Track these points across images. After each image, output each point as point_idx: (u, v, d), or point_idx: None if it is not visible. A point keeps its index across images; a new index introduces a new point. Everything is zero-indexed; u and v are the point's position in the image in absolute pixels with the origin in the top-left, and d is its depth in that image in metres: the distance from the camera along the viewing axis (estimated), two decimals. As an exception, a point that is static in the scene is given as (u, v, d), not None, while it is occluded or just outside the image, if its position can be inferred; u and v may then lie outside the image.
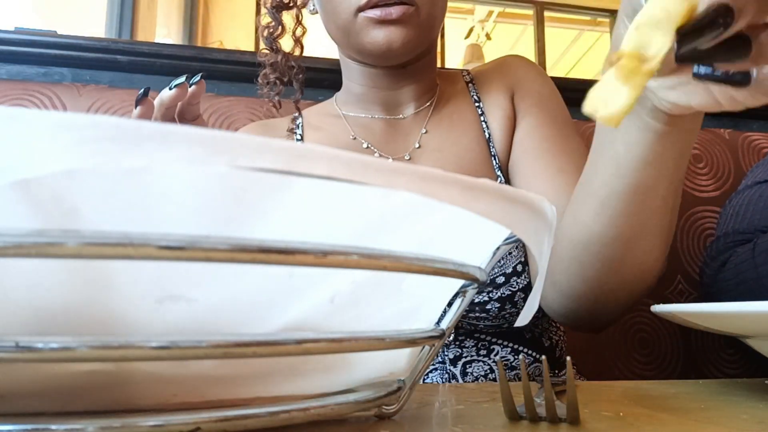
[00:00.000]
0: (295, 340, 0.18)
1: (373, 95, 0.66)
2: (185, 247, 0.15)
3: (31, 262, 0.17)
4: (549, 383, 0.25)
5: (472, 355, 0.59)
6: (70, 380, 0.19)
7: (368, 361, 0.24)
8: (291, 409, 0.20)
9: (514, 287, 0.58)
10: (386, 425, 0.24)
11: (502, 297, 0.57)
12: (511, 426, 0.24)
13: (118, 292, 0.19)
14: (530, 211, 0.21)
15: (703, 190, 0.89)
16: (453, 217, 0.21)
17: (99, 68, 0.93)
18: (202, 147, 0.15)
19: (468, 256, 0.23)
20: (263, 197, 0.19)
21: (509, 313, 0.58)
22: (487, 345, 0.59)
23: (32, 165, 0.14)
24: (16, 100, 0.78)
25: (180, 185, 0.18)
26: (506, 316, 0.58)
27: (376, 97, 0.66)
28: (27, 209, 0.17)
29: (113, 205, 0.18)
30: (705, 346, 0.85)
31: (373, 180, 0.17)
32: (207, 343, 0.17)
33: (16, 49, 0.89)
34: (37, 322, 0.18)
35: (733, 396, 0.33)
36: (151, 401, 0.21)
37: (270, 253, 0.16)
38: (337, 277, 0.22)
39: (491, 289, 0.57)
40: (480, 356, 0.59)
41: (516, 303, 0.58)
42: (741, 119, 1.15)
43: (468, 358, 0.59)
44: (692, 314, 0.35)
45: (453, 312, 0.26)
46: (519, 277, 0.58)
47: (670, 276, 0.85)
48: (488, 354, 0.59)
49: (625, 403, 0.30)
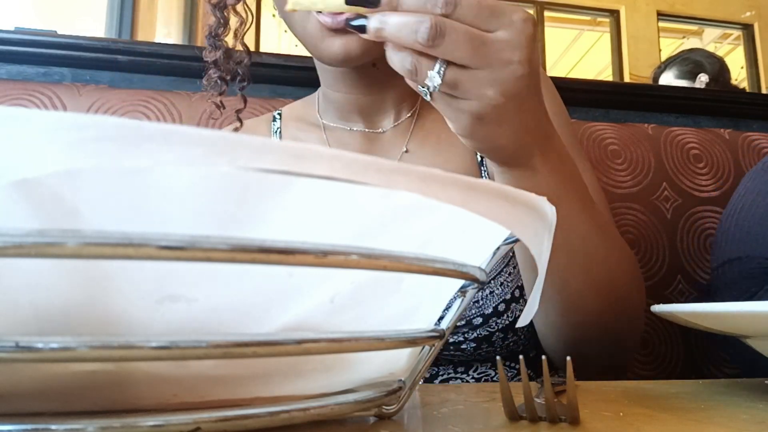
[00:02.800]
0: (295, 340, 0.18)
1: (349, 102, 0.61)
2: (185, 247, 0.15)
3: (31, 262, 0.17)
4: (549, 383, 0.25)
5: (449, 372, 0.57)
6: (70, 380, 0.19)
7: (368, 361, 0.24)
8: (291, 409, 0.20)
9: (492, 328, 0.54)
10: (386, 425, 0.24)
11: (478, 337, 0.54)
12: (511, 426, 0.24)
13: (118, 292, 0.19)
14: (530, 211, 0.21)
15: (703, 190, 0.89)
16: (453, 218, 0.21)
17: (99, 68, 0.93)
18: (202, 147, 0.15)
19: (468, 256, 0.23)
20: (263, 197, 0.19)
21: (485, 351, 0.55)
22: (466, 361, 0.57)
23: (32, 165, 0.14)
24: (16, 100, 0.78)
25: (180, 185, 0.18)
26: (482, 353, 0.55)
27: (353, 104, 0.61)
28: (27, 209, 0.17)
29: (113, 205, 0.18)
30: (705, 346, 0.85)
31: (373, 180, 0.17)
32: (207, 343, 0.17)
33: (16, 49, 0.89)
34: (37, 322, 0.18)
35: (733, 396, 0.33)
36: (151, 401, 0.21)
37: (270, 253, 0.16)
38: (337, 277, 0.22)
39: (467, 330, 0.54)
40: (458, 373, 0.57)
41: (494, 342, 0.54)
42: (741, 119, 1.15)
43: (445, 376, 0.57)
44: (692, 314, 0.35)
45: (453, 312, 0.26)
46: (500, 318, 0.54)
47: (670, 276, 0.85)
48: (467, 371, 0.57)
49: (625, 403, 0.30)
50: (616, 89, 1.15)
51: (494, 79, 0.35)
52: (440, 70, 0.35)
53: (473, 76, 0.35)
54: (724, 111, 1.14)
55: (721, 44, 5.29)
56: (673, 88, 1.56)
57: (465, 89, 0.35)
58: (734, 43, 5.16)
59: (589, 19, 4.94)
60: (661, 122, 1.03)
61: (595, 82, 1.36)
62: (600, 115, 1.09)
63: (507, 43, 0.34)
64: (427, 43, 0.33)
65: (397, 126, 0.62)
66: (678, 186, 0.88)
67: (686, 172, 0.90)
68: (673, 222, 0.86)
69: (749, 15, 5.02)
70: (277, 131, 0.66)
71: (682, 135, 0.93)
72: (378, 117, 0.62)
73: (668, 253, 0.85)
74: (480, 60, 0.34)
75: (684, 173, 0.89)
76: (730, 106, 1.15)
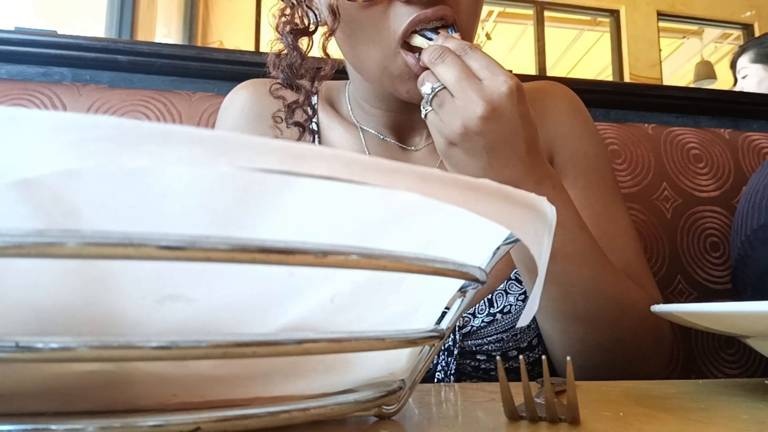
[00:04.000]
0: (295, 340, 0.18)
1: (386, 117, 0.62)
2: (185, 247, 0.15)
3: (31, 262, 0.17)
4: (549, 383, 0.25)
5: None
6: (70, 380, 0.19)
7: (368, 361, 0.24)
8: (291, 409, 0.20)
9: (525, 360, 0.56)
10: (386, 425, 0.24)
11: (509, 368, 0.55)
12: (511, 426, 0.24)
13: (118, 292, 0.19)
14: (530, 211, 0.21)
15: (703, 190, 0.89)
16: (453, 218, 0.21)
17: (99, 68, 0.93)
18: (202, 147, 0.15)
19: (468, 256, 0.23)
20: (263, 197, 0.19)
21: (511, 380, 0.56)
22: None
23: (32, 165, 0.14)
24: (16, 100, 0.78)
25: (180, 185, 0.18)
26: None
27: (390, 120, 0.62)
28: (27, 209, 0.17)
29: (113, 205, 0.18)
30: (705, 346, 0.85)
31: (373, 180, 0.17)
32: (207, 343, 0.17)
33: (16, 49, 0.89)
34: (37, 322, 0.18)
35: (733, 396, 0.33)
36: (151, 401, 0.21)
37: (270, 253, 0.16)
38: (337, 277, 0.22)
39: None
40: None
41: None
42: (741, 119, 1.15)
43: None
44: (692, 314, 0.35)
45: (453, 312, 0.26)
46: (532, 352, 0.57)
47: (670, 276, 0.85)
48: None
49: (625, 403, 0.30)
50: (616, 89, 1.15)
51: (463, 111, 0.43)
52: (434, 86, 0.45)
53: (452, 103, 0.44)
54: (724, 111, 1.14)
55: (721, 44, 5.29)
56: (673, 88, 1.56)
57: (444, 111, 0.44)
58: (734, 43, 5.16)
59: (589, 19, 4.94)
60: (661, 122, 1.03)
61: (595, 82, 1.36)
62: (600, 115, 1.09)
63: (483, 90, 0.43)
64: (430, 61, 0.45)
65: (428, 146, 0.63)
66: (678, 186, 0.88)
67: (686, 172, 0.90)
68: (673, 222, 0.86)
69: (749, 15, 5.02)
70: (314, 106, 0.65)
71: (682, 135, 0.93)
72: (410, 134, 0.63)
73: (668, 253, 0.85)
74: (458, 90, 0.43)
75: (684, 173, 0.89)
76: (730, 106, 1.14)
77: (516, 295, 0.57)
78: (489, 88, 0.43)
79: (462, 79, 0.43)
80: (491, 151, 0.44)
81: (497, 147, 0.44)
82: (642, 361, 0.54)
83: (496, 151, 0.44)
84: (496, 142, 0.44)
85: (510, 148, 0.44)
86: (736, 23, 5.07)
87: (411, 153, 0.63)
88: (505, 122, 0.43)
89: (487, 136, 0.43)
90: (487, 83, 0.43)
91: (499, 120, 0.43)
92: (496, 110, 0.43)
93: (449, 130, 0.44)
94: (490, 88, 0.43)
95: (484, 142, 0.43)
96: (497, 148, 0.44)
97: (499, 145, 0.44)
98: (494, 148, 0.44)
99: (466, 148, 0.44)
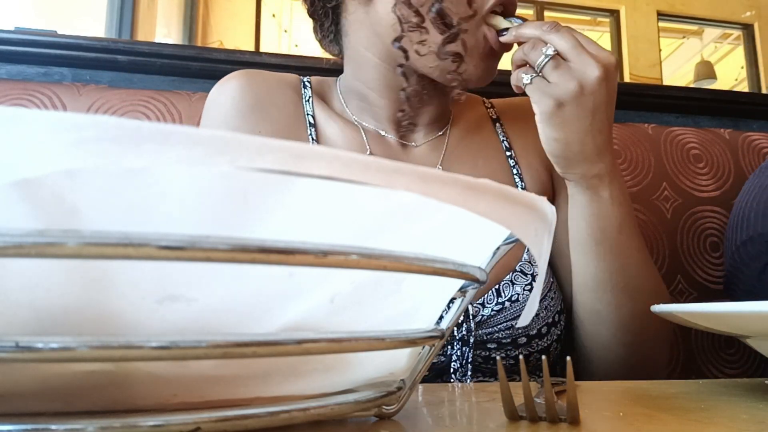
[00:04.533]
0: (295, 340, 0.18)
1: (390, 111, 0.61)
2: (185, 247, 0.15)
3: (31, 262, 0.17)
4: (549, 383, 0.25)
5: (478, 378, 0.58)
6: (70, 380, 0.19)
7: (368, 361, 0.24)
8: (291, 409, 0.20)
9: (533, 348, 0.57)
10: (386, 425, 0.24)
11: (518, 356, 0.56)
12: (511, 426, 0.24)
13: (118, 292, 0.19)
14: (530, 211, 0.21)
15: (703, 190, 0.89)
16: (453, 218, 0.21)
17: (99, 68, 0.93)
18: (202, 147, 0.15)
19: (468, 256, 0.23)
20: (263, 197, 0.19)
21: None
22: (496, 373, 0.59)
23: (32, 165, 0.14)
24: (16, 100, 0.78)
25: (180, 185, 0.18)
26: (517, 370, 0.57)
27: (393, 113, 0.61)
28: (27, 209, 0.17)
29: (113, 205, 0.18)
30: (705, 346, 0.85)
31: (373, 180, 0.17)
32: (207, 343, 0.17)
33: (16, 49, 0.89)
34: (37, 322, 0.18)
35: (733, 396, 0.33)
36: (151, 401, 0.21)
37: (270, 253, 0.16)
38: (337, 277, 0.22)
39: (510, 348, 0.57)
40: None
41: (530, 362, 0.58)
42: (741, 119, 1.15)
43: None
44: (692, 314, 0.35)
45: (453, 312, 0.26)
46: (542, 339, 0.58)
47: (670, 276, 0.85)
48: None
49: (625, 403, 0.30)
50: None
51: (579, 75, 0.48)
52: (548, 52, 0.49)
53: (566, 67, 0.49)
54: (724, 111, 1.14)
55: (721, 44, 5.29)
56: (673, 88, 1.56)
57: (558, 73, 0.49)
58: (734, 43, 5.16)
59: (589, 19, 4.94)
60: (661, 122, 1.03)
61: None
62: (600, 115, 1.09)
63: (596, 56, 0.49)
64: (546, 31, 0.50)
65: (428, 143, 0.63)
66: (678, 186, 0.88)
67: (686, 172, 0.90)
68: (673, 222, 0.86)
69: (749, 15, 5.02)
70: (309, 99, 0.63)
71: (682, 135, 0.93)
72: (410, 129, 0.63)
73: (668, 253, 0.85)
74: (574, 55, 0.49)
75: (684, 173, 0.89)
76: (730, 106, 1.14)
77: (522, 285, 0.58)
78: (601, 55, 0.49)
79: (577, 46, 0.49)
80: (595, 113, 0.49)
81: (600, 109, 0.49)
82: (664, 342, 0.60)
83: (599, 114, 0.49)
84: (600, 104, 0.49)
85: (607, 112, 0.50)
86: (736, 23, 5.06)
87: (411, 149, 0.62)
88: (610, 87, 0.50)
89: (597, 96, 0.49)
90: (596, 52, 0.49)
91: (608, 83, 0.49)
92: (608, 74, 0.49)
93: (562, 90, 0.48)
94: (601, 55, 0.49)
95: (593, 102, 0.49)
96: (600, 110, 0.49)
97: (602, 107, 0.49)
98: (598, 110, 0.49)
99: (576, 107, 0.49)
